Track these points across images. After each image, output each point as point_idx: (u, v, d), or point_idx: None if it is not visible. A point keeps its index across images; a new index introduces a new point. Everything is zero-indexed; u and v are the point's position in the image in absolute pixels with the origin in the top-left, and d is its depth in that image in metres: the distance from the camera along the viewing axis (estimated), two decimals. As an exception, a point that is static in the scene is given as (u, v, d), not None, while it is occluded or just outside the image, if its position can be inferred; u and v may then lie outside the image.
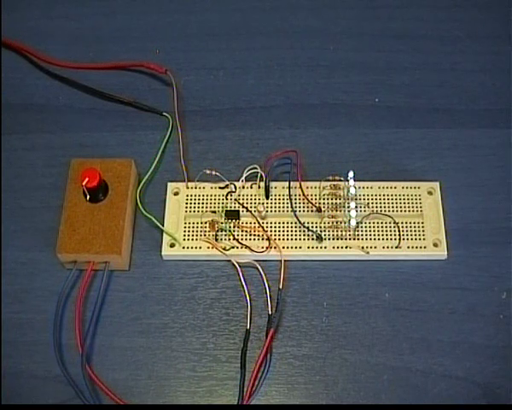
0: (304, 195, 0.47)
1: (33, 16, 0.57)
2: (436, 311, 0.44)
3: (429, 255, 0.46)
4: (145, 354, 0.43)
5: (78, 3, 0.57)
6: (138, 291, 0.45)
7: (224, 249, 0.45)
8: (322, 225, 0.46)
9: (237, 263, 0.45)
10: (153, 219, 0.46)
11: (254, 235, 0.46)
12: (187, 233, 0.46)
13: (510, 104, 0.51)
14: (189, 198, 0.47)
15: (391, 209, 0.47)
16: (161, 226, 0.46)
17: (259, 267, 0.45)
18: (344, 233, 0.46)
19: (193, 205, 0.47)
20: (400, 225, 0.46)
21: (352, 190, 0.46)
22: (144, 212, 0.46)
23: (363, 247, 0.45)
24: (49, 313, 0.44)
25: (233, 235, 0.46)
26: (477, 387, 0.42)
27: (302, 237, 0.46)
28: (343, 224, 0.46)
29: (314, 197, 0.47)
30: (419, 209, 0.47)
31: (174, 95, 0.51)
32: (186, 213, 0.47)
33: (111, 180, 0.46)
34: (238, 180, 0.47)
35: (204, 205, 0.47)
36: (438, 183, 0.47)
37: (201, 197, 0.47)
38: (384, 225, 0.46)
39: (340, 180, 0.47)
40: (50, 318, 0.44)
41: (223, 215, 0.46)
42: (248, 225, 0.46)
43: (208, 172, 0.47)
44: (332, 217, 0.46)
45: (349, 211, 0.46)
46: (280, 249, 0.45)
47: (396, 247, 0.46)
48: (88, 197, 0.45)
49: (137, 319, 0.44)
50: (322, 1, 0.57)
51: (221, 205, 0.47)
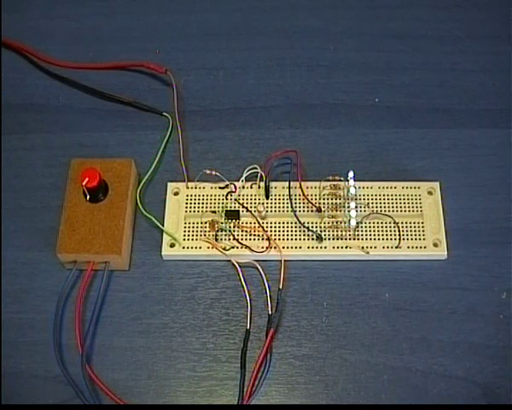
0: (304, 195, 0.47)
1: (33, 16, 0.57)
2: (436, 311, 0.44)
3: (429, 255, 0.46)
4: (145, 354, 0.44)
5: (78, 3, 0.57)
6: (138, 291, 0.45)
7: (224, 249, 0.45)
8: (322, 225, 0.46)
9: (237, 263, 0.45)
10: (153, 219, 0.46)
11: (254, 235, 0.46)
12: (187, 233, 0.46)
13: (510, 104, 0.51)
14: (189, 198, 0.47)
15: (391, 209, 0.47)
16: (161, 226, 0.46)
17: (259, 267, 0.45)
18: (344, 233, 0.46)
19: (193, 205, 0.47)
20: (400, 225, 0.46)
21: (352, 190, 0.46)
22: (144, 212, 0.46)
23: (363, 247, 0.45)
24: (49, 313, 0.44)
25: (233, 235, 0.46)
26: (477, 387, 0.42)
27: (302, 237, 0.46)
28: (343, 224, 0.46)
29: (314, 197, 0.47)
30: (419, 209, 0.47)
31: (174, 95, 0.51)
32: (186, 213, 0.47)
33: (111, 180, 0.46)
34: (238, 180, 0.47)
35: (204, 205, 0.47)
36: (438, 183, 0.47)
37: (201, 197, 0.47)
38: (384, 225, 0.46)
39: (340, 180, 0.47)
40: (50, 318, 0.44)
41: (223, 215, 0.46)
42: (248, 225, 0.46)
43: (208, 172, 0.47)
44: (332, 217, 0.46)
45: (349, 211, 0.46)
46: (280, 249, 0.45)
47: (396, 247, 0.46)
48: (88, 197, 0.45)
49: (137, 319, 0.44)
50: (322, 1, 0.57)
51: (221, 205, 0.47)
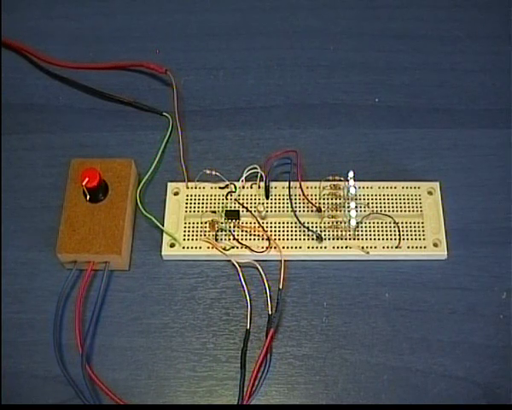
0: (304, 195, 0.47)
1: (33, 16, 0.57)
2: (436, 311, 0.44)
3: (429, 255, 0.46)
4: (145, 354, 0.43)
5: (78, 3, 0.57)
6: (138, 291, 0.45)
7: (224, 249, 0.45)
8: (322, 225, 0.46)
9: (237, 263, 0.45)
10: (153, 219, 0.46)
11: (254, 235, 0.46)
12: (187, 233, 0.46)
13: (510, 104, 0.51)
14: (189, 198, 0.47)
15: (391, 209, 0.47)
16: (161, 226, 0.46)
17: (259, 267, 0.45)
18: (344, 233, 0.46)
19: (193, 205, 0.47)
20: (400, 225, 0.46)
21: (352, 190, 0.46)
22: (144, 212, 0.46)
23: (363, 247, 0.45)
24: (49, 313, 0.44)
25: (233, 235, 0.46)
26: (477, 387, 0.42)
27: (302, 237, 0.46)
28: (343, 224, 0.46)
29: (314, 197, 0.47)
30: (419, 209, 0.47)
31: (174, 95, 0.51)
32: (186, 213, 0.47)
33: (111, 180, 0.46)
34: (238, 180, 0.47)
35: (204, 205, 0.47)
36: (438, 183, 0.47)
37: (201, 197, 0.47)
38: (384, 225, 0.46)
39: (340, 180, 0.47)
40: (50, 318, 0.44)
41: (223, 215, 0.46)
42: (248, 225, 0.46)
43: (208, 172, 0.47)
44: (332, 217, 0.46)
45: (349, 211, 0.46)
46: (280, 249, 0.45)
47: (396, 247, 0.46)
48: (88, 197, 0.45)
49: (137, 319, 0.44)
50: (322, 1, 0.57)
51: (221, 205, 0.47)
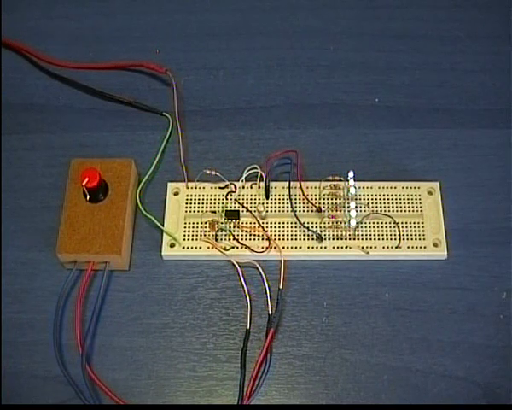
0: (304, 195, 0.47)
1: (33, 16, 0.57)
2: (436, 311, 0.44)
3: (429, 255, 0.46)
4: (145, 354, 0.43)
5: (78, 3, 0.57)
6: (138, 291, 0.45)
7: (224, 249, 0.45)
8: (322, 225, 0.46)
9: (237, 263, 0.45)
10: (153, 219, 0.46)
11: (254, 235, 0.46)
12: (187, 233, 0.46)
13: (510, 104, 0.51)
14: (189, 198, 0.47)
15: (391, 209, 0.47)
16: (161, 226, 0.46)
17: (259, 267, 0.45)
18: (344, 233, 0.46)
19: (193, 205, 0.47)
20: (400, 225, 0.46)
21: (352, 190, 0.46)
22: (144, 212, 0.46)
23: (363, 247, 0.45)
24: (49, 313, 0.44)
25: (233, 235, 0.46)
26: (477, 387, 0.42)
27: (302, 237, 0.46)
28: (343, 224, 0.46)
29: (314, 197, 0.47)
30: (419, 209, 0.47)
31: (174, 95, 0.51)
32: (186, 213, 0.47)
33: (111, 180, 0.46)
34: (238, 180, 0.47)
35: (204, 205, 0.47)
36: (438, 183, 0.47)
37: (201, 197, 0.47)
38: (384, 225, 0.46)
39: (340, 180, 0.47)
40: (50, 318, 0.44)
41: (223, 215, 0.46)
42: (248, 225, 0.46)
43: (208, 172, 0.47)
44: (332, 217, 0.46)
45: (349, 211, 0.46)
46: (280, 249, 0.45)
47: (396, 247, 0.46)
48: (88, 197, 0.45)
49: (137, 319, 0.44)
50: (322, 1, 0.57)
51: (221, 205, 0.47)
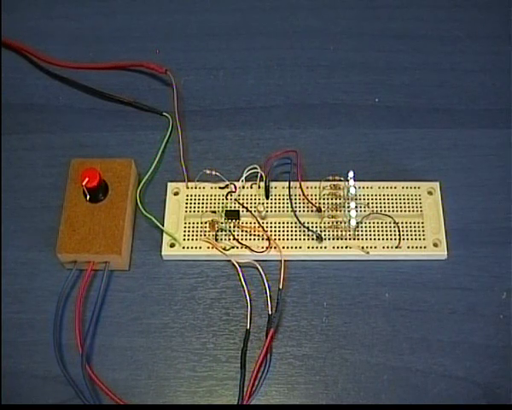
0: (304, 195, 0.47)
1: (33, 16, 0.57)
2: (436, 311, 0.44)
3: (429, 255, 0.46)
4: (145, 354, 0.43)
5: (78, 3, 0.57)
6: (138, 291, 0.45)
7: (224, 249, 0.45)
8: (322, 225, 0.46)
9: (237, 263, 0.45)
10: (153, 219, 0.46)
11: (254, 235, 0.46)
12: (187, 233, 0.46)
13: (510, 104, 0.51)
14: (189, 198, 0.47)
15: (391, 209, 0.47)
16: (161, 226, 0.46)
17: (259, 267, 0.45)
18: (344, 233, 0.46)
19: (193, 205, 0.47)
20: (400, 225, 0.46)
21: (352, 190, 0.46)
22: (144, 212, 0.46)
23: (363, 247, 0.45)
24: (49, 313, 0.44)
25: (233, 235, 0.46)
26: (477, 387, 0.42)
27: (302, 237, 0.46)
28: (343, 224, 0.46)
29: (314, 197, 0.47)
30: (419, 209, 0.47)
31: (174, 95, 0.51)
32: (186, 213, 0.47)
33: (111, 180, 0.46)
34: (238, 180, 0.47)
35: (204, 205, 0.47)
36: (438, 183, 0.47)
37: (201, 197, 0.47)
38: (384, 225, 0.46)
39: (340, 180, 0.47)
40: (50, 318, 0.44)
41: (223, 215, 0.46)
42: (248, 225, 0.46)
43: (208, 172, 0.47)
44: (332, 217, 0.46)
45: (349, 211, 0.46)
46: (280, 249, 0.45)
47: (396, 247, 0.46)
48: (88, 197, 0.45)
49: (137, 319, 0.44)
50: (322, 1, 0.57)
51: (221, 205, 0.47)
